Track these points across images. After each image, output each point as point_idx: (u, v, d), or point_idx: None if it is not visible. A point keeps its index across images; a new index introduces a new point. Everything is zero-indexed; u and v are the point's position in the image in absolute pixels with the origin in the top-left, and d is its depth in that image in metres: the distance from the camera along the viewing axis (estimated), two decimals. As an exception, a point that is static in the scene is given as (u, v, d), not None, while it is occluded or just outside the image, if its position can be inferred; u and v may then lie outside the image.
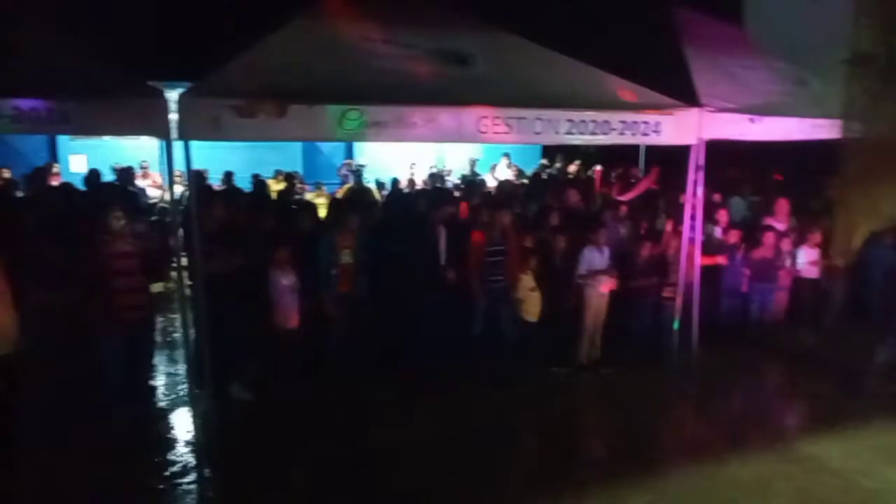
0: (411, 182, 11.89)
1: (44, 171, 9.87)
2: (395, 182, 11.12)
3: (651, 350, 7.07)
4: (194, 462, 5.19)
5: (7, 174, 10.49)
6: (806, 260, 8.03)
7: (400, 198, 9.31)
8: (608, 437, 6.08)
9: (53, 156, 13.15)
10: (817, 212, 8.42)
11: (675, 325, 6.76)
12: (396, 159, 13.40)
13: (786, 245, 7.91)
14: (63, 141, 13.26)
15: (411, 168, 13.07)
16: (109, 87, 4.83)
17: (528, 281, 6.60)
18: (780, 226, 8.15)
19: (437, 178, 11.60)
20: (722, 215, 8.00)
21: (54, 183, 9.75)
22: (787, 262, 7.92)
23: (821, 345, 7.87)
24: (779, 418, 6.57)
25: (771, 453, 5.47)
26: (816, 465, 5.28)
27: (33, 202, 8.24)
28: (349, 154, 15.20)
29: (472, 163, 13.60)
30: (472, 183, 11.03)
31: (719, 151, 6.63)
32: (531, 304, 6.63)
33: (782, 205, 8.39)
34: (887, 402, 6.25)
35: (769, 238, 7.82)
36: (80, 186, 9.13)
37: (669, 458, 5.55)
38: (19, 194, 9.12)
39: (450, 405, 6.13)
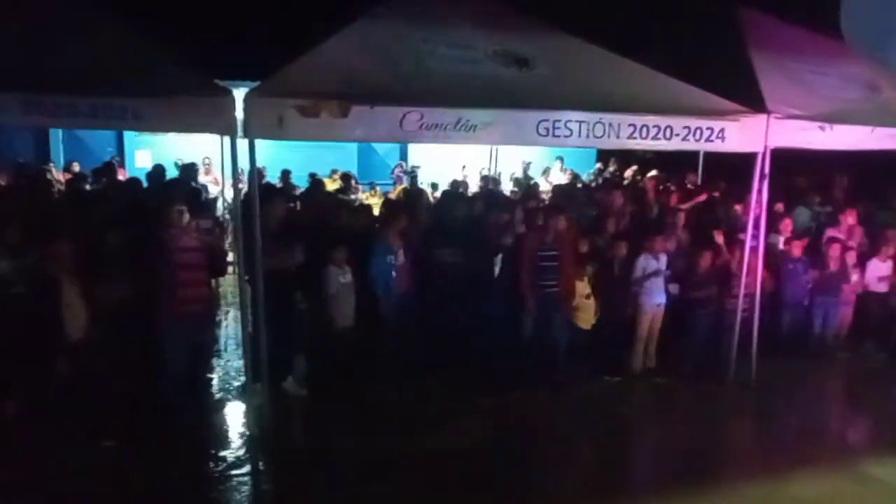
0: (463, 184, 11.87)
1: (111, 166, 10.21)
2: (451, 184, 11.10)
3: (709, 361, 6.90)
4: (248, 454, 5.28)
5: (77, 167, 10.94)
6: (875, 274, 7.72)
7: (453, 200, 9.30)
8: (660, 449, 5.95)
9: (120, 150, 13.62)
10: (886, 224, 8.09)
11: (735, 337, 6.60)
12: (450, 161, 13.40)
13: (851, 258, 7.62)
14: (129, 136, 13.71)
15: (463, 170, 13.06)
16: (178, 86, 4.97)
17: (583, 287, 6.51)
18: (846, 238, 7.85)
19: (489, 180, 11.54)
20: (786, 225, 7.76)
21: (121, 177, 10.09)
22: (853, 276, 7.63)
23: (888, 362, 7.59)
24: (842, 436, 6.35)
25: (834, 473, 5.27)
26: (883, 488, 5.06)
27: (101, 195, 8.52)
28: (403, 155, 15.29)
29: (526, 166, 13.50)
30: (528, 187, 10.93)
31: (782, 158, 6.44)
32: (585, 311, 6.55)
33: (849, 216, 8.08)
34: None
35: (834, 250, 7.56)
36: (145, 181, 9.42)
37: (725, 473, 5.41)
38: (88, 187, 9.45)
39: (500, 410, 6.10)
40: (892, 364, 7.58)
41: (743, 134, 6.09)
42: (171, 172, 10.23)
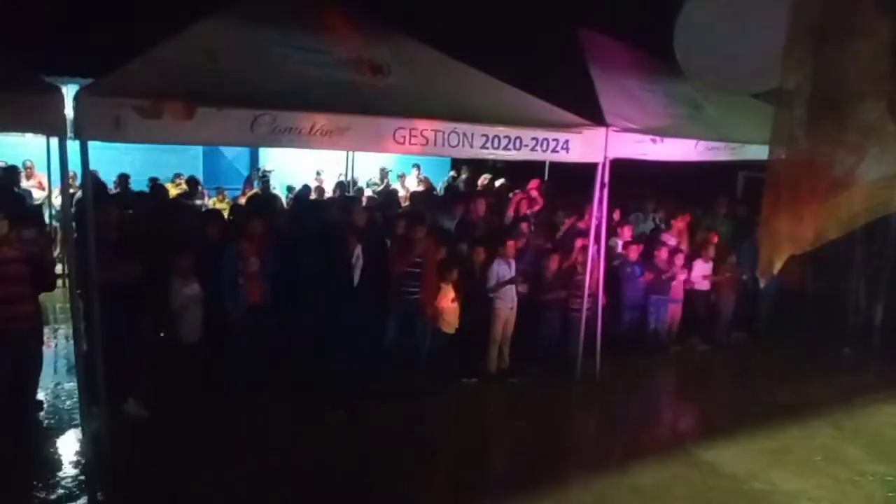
0: (319, 190, 11.69)
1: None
2: (303, 189, 10.90)
3: (558, 360, 7.27)
4: (84, 484, 4.82)
5: None
6: (699, 273, 8.50)
7: (308, 206, 9.11)
8: (512, 446, 6.16)
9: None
10: (709, 228, 8.94)
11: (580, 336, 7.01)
12: (303, 166, 13.12)
13: (679, 260, 8.33)
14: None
15: (318, 176, 12.85)
16: (0, 80, 4.46)
17: (448, 292, 6.61)
18: (674, 241, 8.58)
19: (345, 186, 11.44)
20: (625, 231, 8.34)
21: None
22: (681, 276, 8.34)
23: (712, 353, 8.41)
24: (676, 424, 6.93)
25: (670, 459, 5.71)
26: (711, 470, 5.56)
27: None
28: (254, 159, 14.75)
29: (384, 172, 13.54)
30: (388, 194, 10.95)
31: (620, 168, 6.92)
32: (450, 315, 6.65)
33: (680, 221, 8.84)
34: (773, 409, 6.72)
35: (663, 253, 8.23)
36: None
37: (574, 466, 5.72)
38: None
39: (357, 421, 6.02)
40: (715, 355, 8.42)
41: (585, 145, 6.48)
42: None
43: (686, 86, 7.68)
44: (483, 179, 11.63)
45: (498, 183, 11.24)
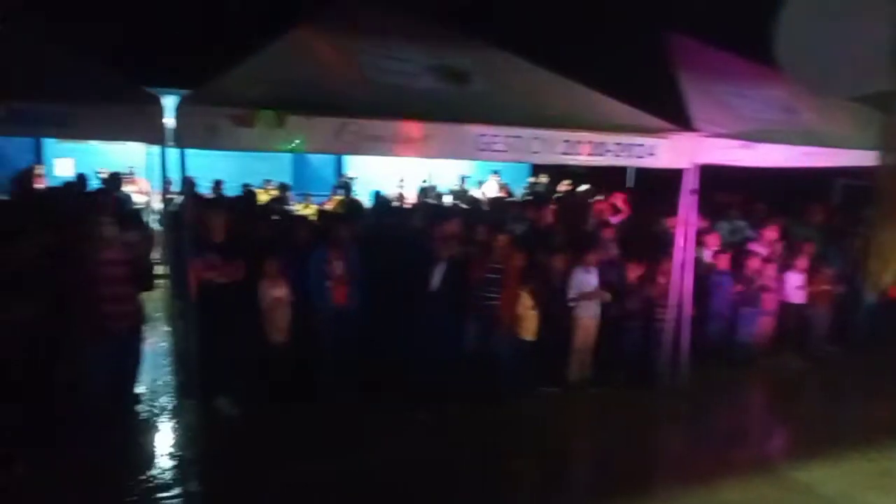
0: (401, 196, 11.87)
1: (28, 174, 9.69)
2: (380, 196, 11.05)
3: (641, 371, 7.08)
4: (176, 476, 5.06)
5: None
6: (792, 286, 8.11)
7: (390, 212, 9.26)
8: (595, 458, 6.05)
9: (38, 158, 12.95)
10: (802, 238, 8.52)
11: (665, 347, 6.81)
12: (385, 173, 13.37)
13: (770, 270, 7.99)
14: (49, 143, 13.06)
15: (400, 183, 13.06)
16: (105, 92, 4.78)
17: (526, 299, 6.57)
18: (766, 251, 8.22)
19: (427, 193, 11.58)
20: (712, 239, 8.06)
21: (39, 186, 9.59)
22: (772, 287, 7.98)
23: (805, 369, 8.00)
24: (765, 441, 6.60)
25: (758, 477, 5.46)
26: (804, 490, 5.28)
27: (15, 205, 8.08)
28: (339, 166, 15.15)
29: (462, 179, 13.61)
30: (472, 201, 10.99)
31: (708, 175, 6.70)
32: (529, 322, 6.60)
33: (771, 231, 8.47)
34: (871, 428, 6.32)
35: (754, 263, 7.90)
36: (66, 190, 8.98)
37: (657, 480, 5.55)
38: (2, 197, 8.94)
39: (439, 424, 6.07)
40: (808, 371, 7.99)
41: (672, 151, 6.31)
42: (93, 182, 9.81)
43: (779, 90, 7.39)
44: (564, 185, 11.52)
45: (581, 189, 11.11)
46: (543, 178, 14.01)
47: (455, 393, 6.32)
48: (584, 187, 11.31)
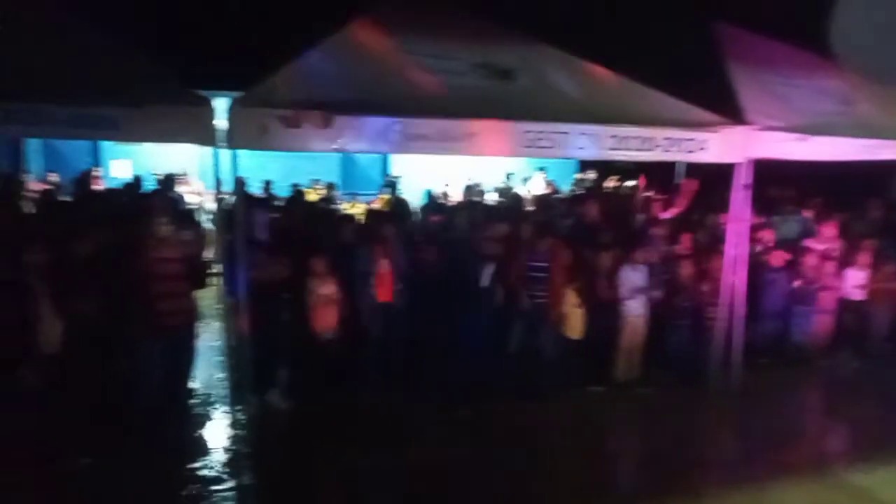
0: (445, 195, 11.89)
1: (87, 176, 10.06)
2: (429, 195, 11.10)
3: (691, 371, 6.94)
4: (229, 469, 5.19)
5: (54, 178, 10.77)
6: (852, 283, 7.84)
7: (437, 210, 9.30)
8: (644, 459, 5.96)
9: (96, 160, 13.43)
10: (862, 234, 8.23)
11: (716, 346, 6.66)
12: (431, 171, 13.41)
13: (829, 267, 7.73)
14: (106, 146, 13.53)
15: (445, 181, 13.07)
16: (158, 95, 4.92)
17: (572, 297, 6.51)
18: (823, 248, 7.96)
19: (473, 191, 11.55)
20: (765, 235, 7.85)
21: (97, 187, 9.95)
22: (830, 285, 7.73)
23: (864, 369, 7.72)
24: (821, 443, 6.40)
25: (813, 480, 5.32)
26: (861, 495, 5.12)
27: (76, 206, 8.39)
28: (385, 166, 15.27)
29: (508, 177, 13.56)
30: (513, 198, 10.96)
31: (760, 169, 6.53)
32: (575, 320, 6.55)
33: (828, 227, 8.20)
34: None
35: (810, 260, 7.67)
36: (123, 191, 9.29)
37: (706, 483, 5.40)
38: (64, 198, 9.30)
39: (484, 421, 6.08)
40: (867, 371, 7.70)
41: (724, 145, 6.17)
42: (152, 182, 10.11)
43: (835, 80, 7.14)
44: (612, 182, 11.38)
45: (628, 185, 10.96)
46: (591, 175, 13.86)
47: (500, 391, 6.31)
48: (631, 183, 11.15)
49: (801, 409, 7.18)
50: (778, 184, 8.93)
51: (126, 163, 13.31)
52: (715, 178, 6.93)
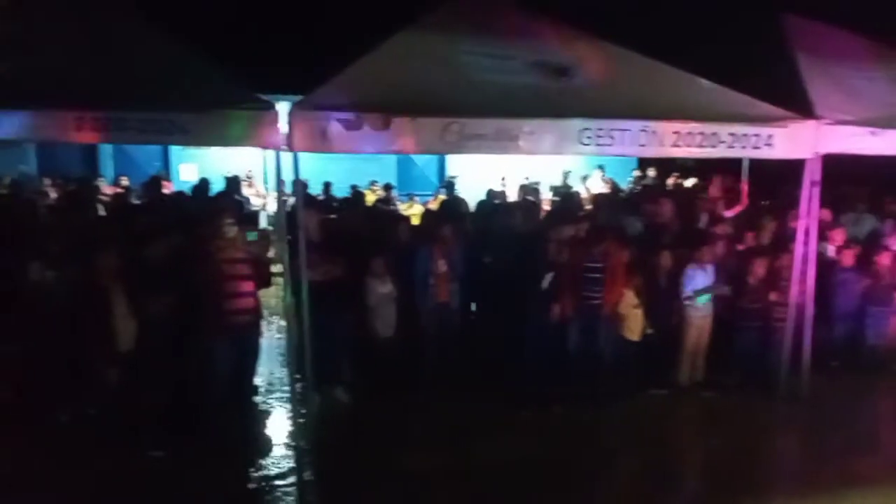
0: (502, 194, 11.84)
1: (158, 179, 10.45)
2: (486, 195, 11.09)
3: (758, 374, 6.72)
4: (293, 464, 5.32)
5: (125, 181, 11.24)
6: (930, 283, 7.45)
7: (490, 210, 9.28)
8: (709, 465, 5.81)
9: (166, 165, 13.96)
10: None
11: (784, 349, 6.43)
12: (488, 171, 13.40)
13: (905, 267, 7.38)
14: (175, 150, 14.05)
15: (502, 180, 13.04)
16: (224, 100, 5.07)
17: (631, 297, 6.40)
18: (899, 246, 7.60)
19: (528, 190, 11.49)
20: (837, 234, 7.54)
21: (167, 191, 10.33)
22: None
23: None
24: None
25: (888, 491, 5.08)
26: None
27: (148, 208, 8.73)
28: (442, 167, 15.36)
29: (566, 175, 13.43)
30: (567, 196, 10.84)
31: (832, 166, 6.28)
32: (633, 321, 6.43)
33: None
34: None
35: (885, 259, 7.33)
36: (192, 194, 9.62)
37: (774, 492, 5.23)
38: (135, 201, 9.70)
39: (543, 423, 6.05)
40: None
41: (792, 140, 5.95)
42: (218, 185, 10.44)
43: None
44: (672, 179, 11.14)
45: (689, 182, 10.72)
46: (651, 172, 13.61)
47: (560, 393, 6.25)
48: (693, 181, 10.90)
49: (874, 415, 6.84)
50: (850, 180, 8.58)
51: (193, 166, 13.78)
52: (782, 176, 6.68)
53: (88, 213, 8.36)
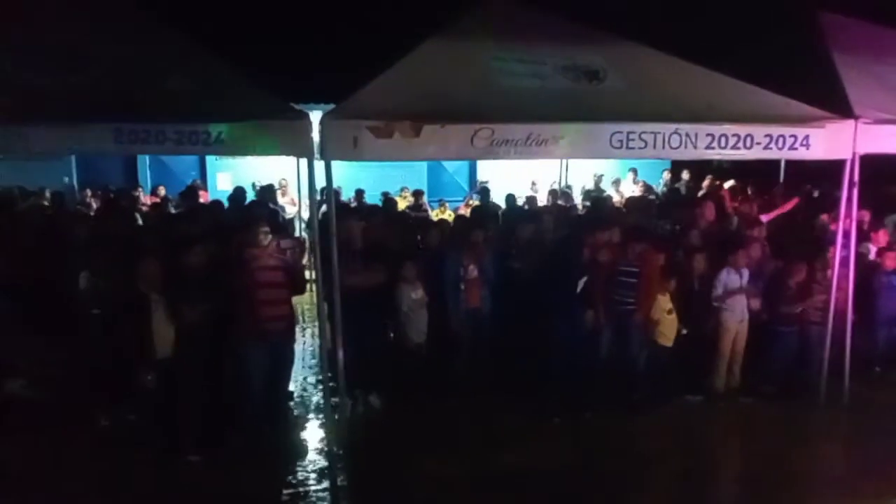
0: (532, 199, 11.79)
1: (195, 189, 10.66)
2: (511, 199, 11.04)
3: (797, 380, 6.58)
4: (326, 469, 5.37)
5: (163, 191, 11.48)
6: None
7: (518, 215, 9.24)
8: (742, 473, 5.71)
9: (202, 174, 14.23)
10: None
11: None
12: (519, 176, 13.35)
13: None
14: (210, 160, 14.30)
15: (533, 186, 12.99)
16: (258, 111, 5.16)
17: (664, 302, 6.32)
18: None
19: (558, 194, 11.42)
20: (880, 236, 7.35)
21: (203, 200, 10.52)
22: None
23: None
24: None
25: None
26: None
27: (185, 217, 8.89)
28: (472, 173, 15.36)
29: (598, 178, 13.32)
30: (597, 200, 10.74)
31: (871, 166, 6.13)
32: (667, 326, 6.34)
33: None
34: None
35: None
36: (226, 203, 9.77)
37: (818, 499, 5.13)
38: (173, 210, 9.89)
39: (576, 430, 6.00)
40: None
41: (829, 141, 5.83)
42: (250, 194, 10.61)
43: None
44: (707, 182, 10.98)
45: (727, 185, 10.54)
46: (685, 175, 13.43)
47: (592, 399, 6.20)
48: (729, 183, 10.71)
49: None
50: (892, 181, 8.36)
51: (229, 175, 14.01)
52: (820, 177, 6.54)
53: (128, 222, 8.55)
